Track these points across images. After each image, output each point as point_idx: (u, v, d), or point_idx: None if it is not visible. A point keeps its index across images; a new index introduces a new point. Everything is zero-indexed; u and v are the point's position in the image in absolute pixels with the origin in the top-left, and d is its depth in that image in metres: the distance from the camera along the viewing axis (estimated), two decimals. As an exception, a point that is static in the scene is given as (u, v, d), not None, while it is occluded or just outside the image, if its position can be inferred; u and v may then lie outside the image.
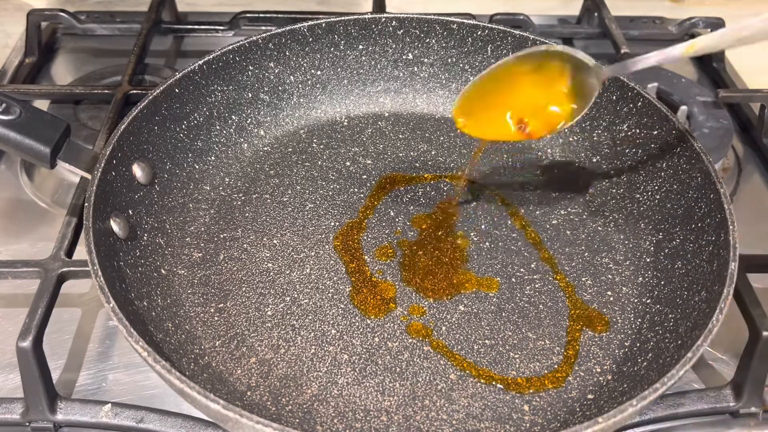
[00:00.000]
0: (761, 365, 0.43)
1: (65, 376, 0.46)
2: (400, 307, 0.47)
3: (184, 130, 0.54)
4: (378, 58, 0.60)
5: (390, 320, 0.46)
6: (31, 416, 0.42)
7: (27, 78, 0.68)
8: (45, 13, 0.72)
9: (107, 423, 0.42)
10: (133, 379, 0.46)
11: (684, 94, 0.65)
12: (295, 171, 0.56)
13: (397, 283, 0.49)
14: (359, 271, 0.49)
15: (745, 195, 0.60)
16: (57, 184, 0.58)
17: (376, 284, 0.48)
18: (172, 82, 0.52)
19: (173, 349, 0.43)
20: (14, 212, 0.57)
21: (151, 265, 0.47)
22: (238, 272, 0.49)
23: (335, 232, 0.51)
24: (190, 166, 0.54)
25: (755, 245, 0.54)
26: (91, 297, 0.50)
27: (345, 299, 0.47)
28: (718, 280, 0.42)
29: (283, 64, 0.58)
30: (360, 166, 0.56)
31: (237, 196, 0.54)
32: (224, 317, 0.46)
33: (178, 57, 0.73)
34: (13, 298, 0.50)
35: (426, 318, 0.47)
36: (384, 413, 0.42)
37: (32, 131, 0.46)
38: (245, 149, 0.57)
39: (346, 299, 0.47)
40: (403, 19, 0.59)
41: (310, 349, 0.45)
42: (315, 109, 0.60)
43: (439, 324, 0.46)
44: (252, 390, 0.43)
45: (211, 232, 0.51)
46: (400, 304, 0.47)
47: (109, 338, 0.48)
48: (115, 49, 0.72)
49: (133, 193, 0.49)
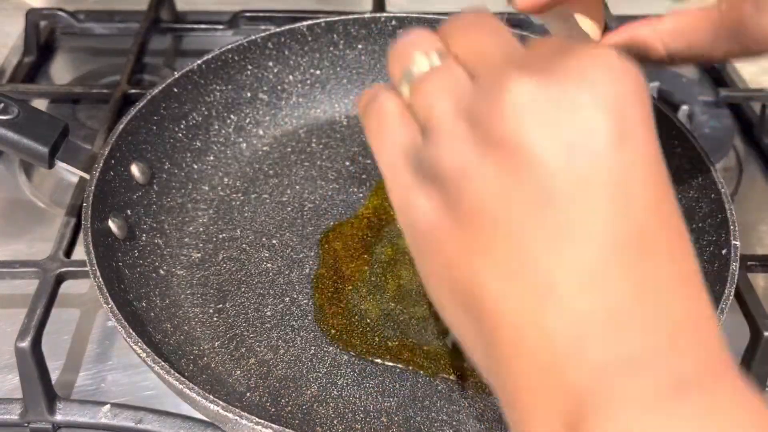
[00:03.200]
0: (762, 365, 0.42)
1: (64, 376, 0.46)
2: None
3: (183, 129, 0.53)
4: (378, 58, 0.60)
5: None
6: (29, 417, 0.42)
7: (25, 77, 0.68)
8: (43, 12, 0.72)
9: (106, 424, 0.42)
10: (132, 380, 0.46)
11: (685, 93, 0.65)
12: (295, 171, 0.56)
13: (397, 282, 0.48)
14: (359, 271, 0.49)
15: (747, 195, 0.59)
16: (55, 184, 0.58)
17: (375, 284, 0.48)
18: (171, 81, 0.52)
19: (172, 349, 0.43)
20: (12, 212, 0.57)
21: (149, 265, 0.47)
22: (237, 273, 0.49)
23: (334, 232, 0.51)
24: (189, 166, 0.54)
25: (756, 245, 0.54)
26: (90, 297, 0.50)
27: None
28: (719, 280, 0.42)
29: (282, 64, 0.58)
30: (360, 166, 0.56)
31: (236, 196, 0.54)
32: (223, 318, 0.46)
33: (177, 56, 0.72)
34: (11, 298, 0.50)
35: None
36: (384, 414, 0.42)
37: (30, 131, 0.46)
38: (244, 149, 0.57)
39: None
40: (402, 18, 0.59)
41: (310, 350, 0.45)
42: (314, 109, 0.59)
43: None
44: (251, 391, 0.43)
45: (209, 233, 0.51)
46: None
47: (107, 339, 0.48)
48: (113, 49, 0.71)
49: (132, 194, 0.49)
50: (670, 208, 0.24)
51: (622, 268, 0.23)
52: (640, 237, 0.23)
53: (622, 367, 0.22)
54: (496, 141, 0.24)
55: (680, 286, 0.23)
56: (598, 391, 0.22)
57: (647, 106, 0.24)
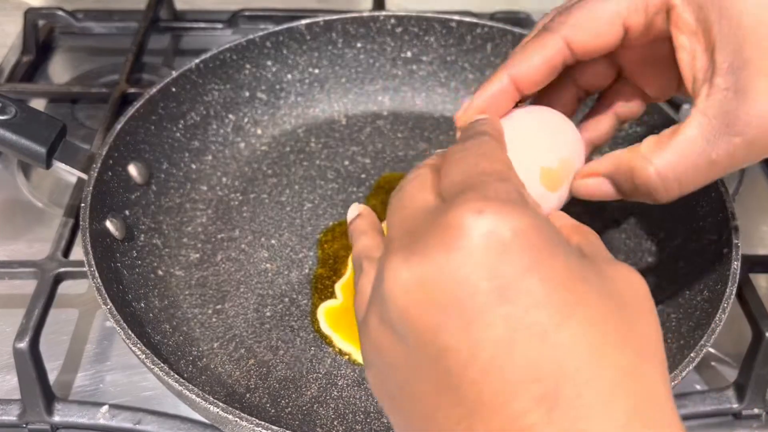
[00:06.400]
0: (764, 366, 0.42)
1: (62, 377, 0.46)
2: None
3: (181, 129, 0.53)
4: (376, 57, 0.60)
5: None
6: (28, 418, 0.42)
7: (24, 77, 0.67)
8: (42, 11, 0.71)
9: (104, 425, 0.42)
10: (131, 381, 0.46)
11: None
12: (293, 170, 0.55)
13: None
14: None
15: (748, 194, 0.59)
16: (54, 184, 0.58)
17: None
18: (169, 81, 0.52)
19: (171, 350, 0.43)
20: (11, 212, 0.57)
21: (148, 266, 0.47)
22: (236, 273, 0.48)
23: (334, 232, 0.51)
24: (187, 166, 0.53)
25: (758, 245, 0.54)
26: (89, 298, 0.50)
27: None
28: (720, 280, 0.42)
29: (280, 63, 0.58)
30: (359, 166, 0.56)
31: (234, 196, 0.53)
32: (222, 318, 0.46)
33: (176, 55, 0.72)
34: (9, 298, 0.50)
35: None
36: (384, 414, 0.41)
37: (28, 131, 0.45)
38: (242, 148, 0.56)
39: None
40: (401, 17, 0.58)
41: (310, 351, 0.44)
42: (313, 108, 0.59)
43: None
44: (251, 392, 0.42)
45: (208, 233, 0.51)
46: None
47: (106, 339, 0.48)
48: (112, 48, 0.71)
49: (130, 194, 0.49)
50: (573, 356, 0.23)
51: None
52: (546, 400, 0.22)
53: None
54: (390, 324, 0.25)
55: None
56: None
57: (525, 253, 0.23)
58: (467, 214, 0.24)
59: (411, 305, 0.24)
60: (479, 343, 0.23)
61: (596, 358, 0.23)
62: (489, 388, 0.23)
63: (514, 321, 0.23)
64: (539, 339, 0.22)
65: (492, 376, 0.23)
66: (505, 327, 0.23)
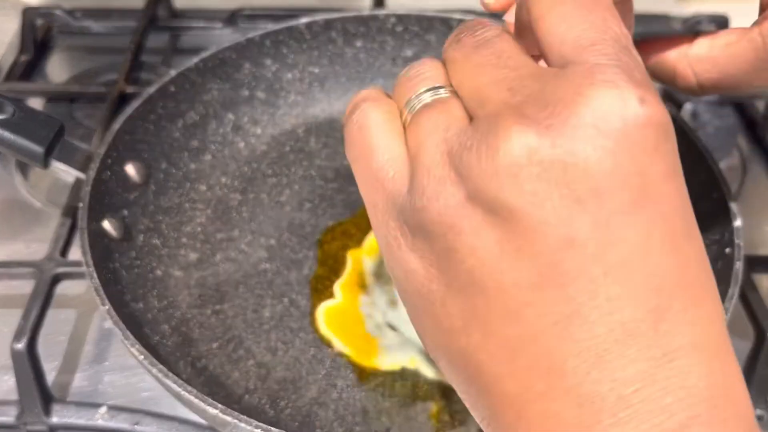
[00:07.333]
0: (766, 367, 0.42)
1: (60, 378, 0.45)
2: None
3: (180, 129, 0.53)
4: (376, 56, 0.59)
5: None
6: (25, 419, 0.42)
7: (22, 76, 0.67)
8: (40, 10, 0.71)
9: (103, 426, 0.42)
10: (129, 382, 0.45)
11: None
12: (293, 170, 0.55)
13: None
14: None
15: (750, 194, 0.59)
16: (52, 184, 0.58)
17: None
18: (168, 80, 0.52)
19: (170, 351, 0.43)
20: (9, 212, 0.56)
21: (146, 266, 0.47)
22: (235, 273, 0.48)
23: (333, 232, 0.51)
24: (186, 165, 0.53)
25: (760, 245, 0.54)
26: (87, 298, 0.49)
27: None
28: (722, 280, 0.41)
29: (280, 62, 0.57)
30: (359, 165, 0.56)
31: (234, 195, 0.53)
32: (221, 319, 0.46)
33: (174, 54, 0.72)
34: (7, 299, 0.50)
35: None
36: (385, 415, 0.41)
37: (26, 130, 0.45)
38: (242, 148, 0.56)
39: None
40: (402, 15, 0.58)
41: (309, 352, 0.44)
42: (312, 107, 0.59)
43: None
44: (250, 393, 0.42)
45: (207, 233, 0.51)
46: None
47: (104, 340, 0.48)
48: (111, 47, 0.71)
49: (128, 194, 0.49)
50: (696, 271, 0.22)
51: (634, 347, 0.21)
52: (657, 311, 0.21)
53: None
54: (489, 203, 0.21)
55: (705, 358, 0.21)
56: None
57: (670, 156, 0.22)
58: (628, 95, 0.21)
59: (536, 182, 0.20)
60: (613, 245, 0.21)
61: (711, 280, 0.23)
62: (606, 291, 0.20)
63: (653, 226, 0.21)
64: (672, 250, 0.21)
65: (613, 278, 0.21)
66: (644, 232, 0.21)
